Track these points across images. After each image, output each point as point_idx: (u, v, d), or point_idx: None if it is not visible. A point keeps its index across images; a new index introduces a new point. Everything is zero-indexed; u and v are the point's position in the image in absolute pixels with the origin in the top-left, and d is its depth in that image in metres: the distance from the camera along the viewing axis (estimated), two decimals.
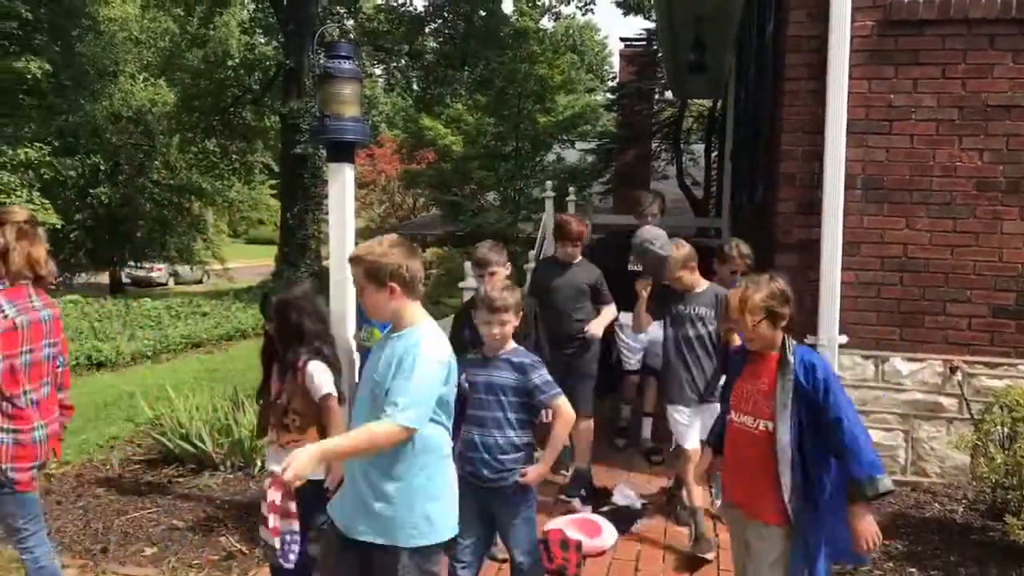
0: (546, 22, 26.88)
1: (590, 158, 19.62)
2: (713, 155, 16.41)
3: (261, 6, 25.62)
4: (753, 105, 7.06)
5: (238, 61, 25.77)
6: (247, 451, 5.15)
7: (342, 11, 24.23)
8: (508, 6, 25.20)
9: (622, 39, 18.00)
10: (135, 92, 22.75)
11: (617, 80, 21.18)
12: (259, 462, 5.11)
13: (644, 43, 17.87)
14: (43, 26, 18.95)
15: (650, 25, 18.88)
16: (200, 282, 29.59)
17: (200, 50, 25.79)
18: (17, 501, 2.96)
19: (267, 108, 26.04)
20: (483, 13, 24.15)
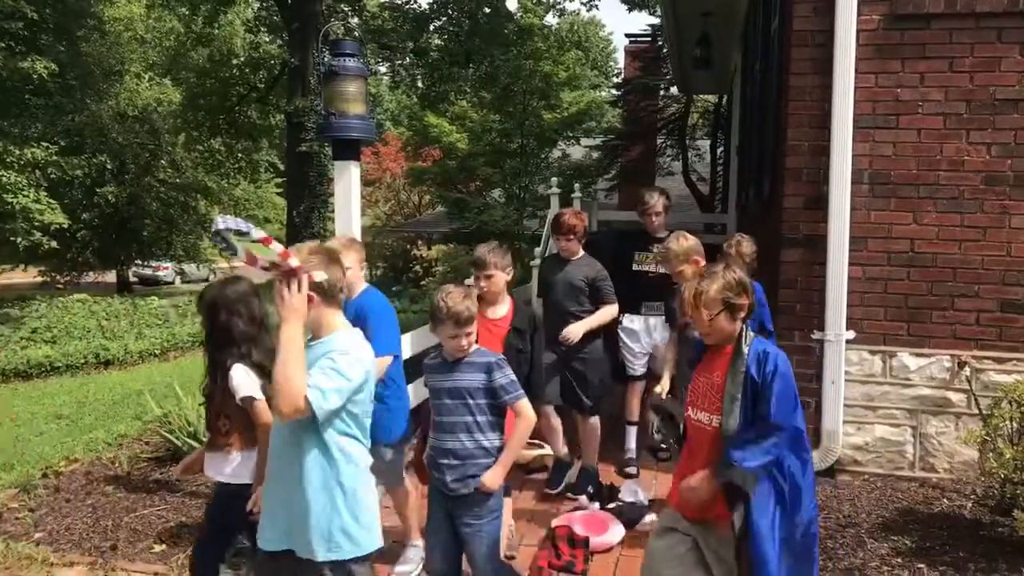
0: (551, 18, 26.85)
1: (595, 154, 19.57)
2: (719, 151, 16.37)
3: (266, 4, 25.65)
4: (759, 100, 7.03)
5: (243, 60, 25.81)
6: None
7: (346, 9, 24.23)
8: (512, 3, 25.15)
9: (627, 35, 17.99)
10: (141, 91, 22.79)
11: (622, 76, 21.12)
12: None
13: (649, 39, 17.83)
14: (49, 26, 18.98)
15: (655, 21, 18.82)
16: (207, 280, 29.65)
17: (205, 49, 25.82)
18: None
19: (272, 106, 26.09)
20: (487, 10, 24.13)
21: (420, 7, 25.42)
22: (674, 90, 16.88)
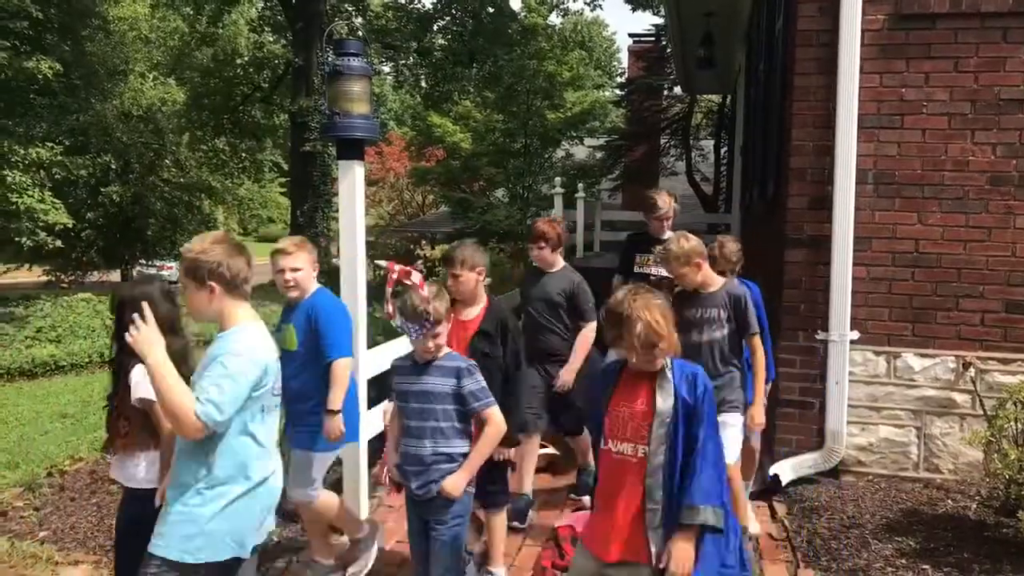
0: (554, 18, 26.85)
1: (599, 154, 19.59)
2: (723, 151, 16.36)
3: (269, 4, 25.70)
4: (763, 100, 7.02)
5: (247, 59, 25.87)
6: None
7: (350, 8, 24.27)
8: (516, 3, 25.15)
9: (631, 35, 18.03)
10: (145, 91, 22.82)
11: (626, 76, 21.15)
12: None
13: (653, 39, 17.85)
14: (53, 26, 19.01)
15: (659, 21, 18.82)
16: None
17: (209, 49, 25.88)
18: None
19: (276, 106, 26.15)
20: (491, 10, 24.15)
21: (424, 7, 25.46)
22: (678, 90, 16.89)
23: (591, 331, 4.30)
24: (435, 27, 25.97)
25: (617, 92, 23.46)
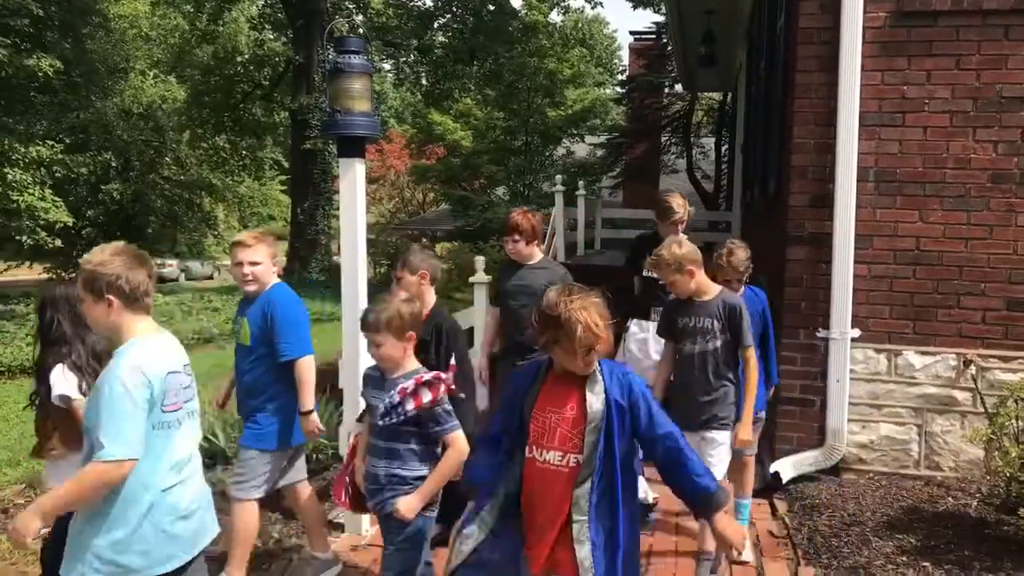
0: (555, 16, 26.82)
1: (600, 152, 19.59)
2: (724, 148, 16.36)
3: (270, 2, 25.69)
4: (764, 98, 7.02)
5: (247, 57, 25.86)
6: None
7: (351, 6, 24.26)
8: (517, 0, 25.12)
9: (631, 32, 18.01)
10: (145, 88, 22.85)
11: (627, 74, 21.11)
12: None
13: (654, 37, 17.84)
14: (54, 23, 19.01)
15: (660, 18, 18.79)
16: (211, 278, 29.74)
17: (209, 46, 25.88)
18: None
19: (277, 104, 26.15)
20: (491, 7, 24.13)
21: (424, 4, 25.44)
22: (678, 88, 16.88)
23: None
24: (436, 24, 25.96)
25: (618, 90, 23.44)
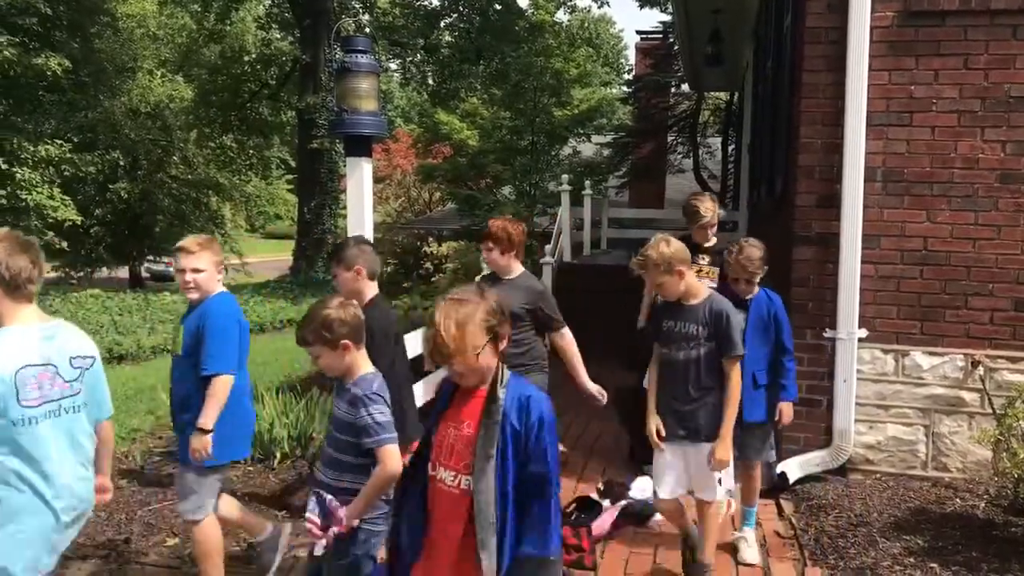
0: (561, 15, 26.81)
1: (606, 152, 19.55)
2: (730, 148, 16.32)
3: (277, 1, 25.75)
4: (771, 97, 7.00)
5: (255, 56, 25.95)
6: (267, 444, 5.19)
7: (358, 6, 24.31)
8: (523, 0, 25.13)
9: (638, 32, 17.96)
10: (153, 88, 22.94)
11: (633, 73, 21.11)
12: (278, 455, 5.15)
13: (660, 36, 17.80)
14: (62, 22, 19.12)
15: (666, 18, 18.77)
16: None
17: (217, 46, 25.97)
18: None
19: (284, 103, 26.24)
20: (498, 7, 24.15)
21: (431, 4, 25.47)
22: (685, 87, 16.85)
23: (570, 334, 4.12)
24: (442, 24, 26.00)
25: (624, 89, 23.44)
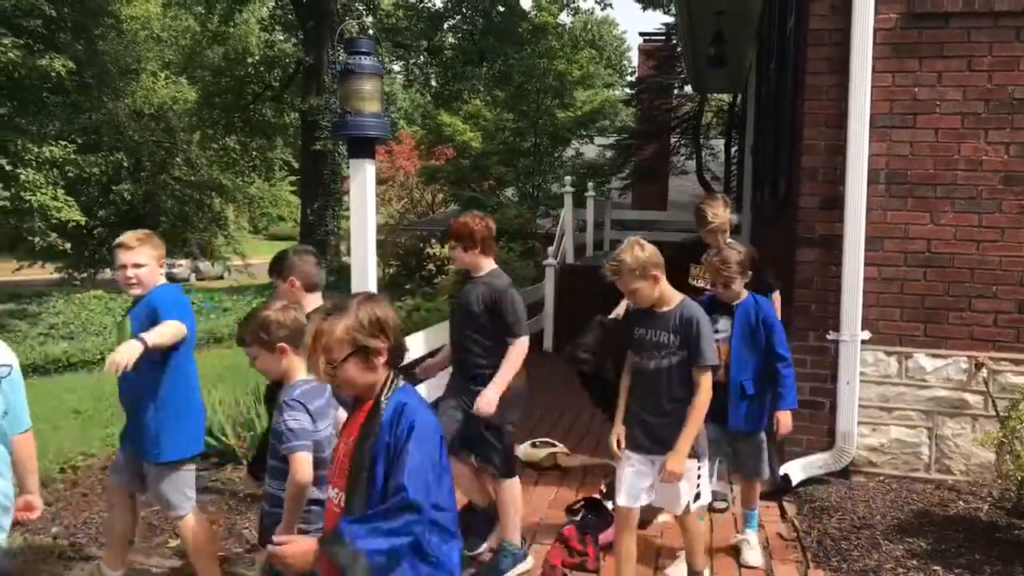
0: (564, 17, 26.83)
1: (609, 153, 19.56)
2: (733, 150, 16.31)
3: (281, 3, 25.81)
4: (774, 99, 7.00)
5: (258, 58, 26.00)
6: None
7: (361, 7, 24.35)
8: (526, 1, 25.15)
9: (641, 34, 17.96)
10: (157, 89, 22.98)
11: (636, 75, 21.10)
12: None
13: (663, 38, 17.82)
14: (66, 24, 19.17)
15: (669, 19, 18.78)
16: (221, 278, 29.81)
17: (220, 47, 26.02)
18: None
19: (287, 105, 26.28)
20: (501, 9, 24.17)
21: (434, 6, 25.50)
22: (688, 89, 16.86)
23: (521, 347, 3.50)
24: (445, 26, 26.02)
25: (627, 91, 23.47)
